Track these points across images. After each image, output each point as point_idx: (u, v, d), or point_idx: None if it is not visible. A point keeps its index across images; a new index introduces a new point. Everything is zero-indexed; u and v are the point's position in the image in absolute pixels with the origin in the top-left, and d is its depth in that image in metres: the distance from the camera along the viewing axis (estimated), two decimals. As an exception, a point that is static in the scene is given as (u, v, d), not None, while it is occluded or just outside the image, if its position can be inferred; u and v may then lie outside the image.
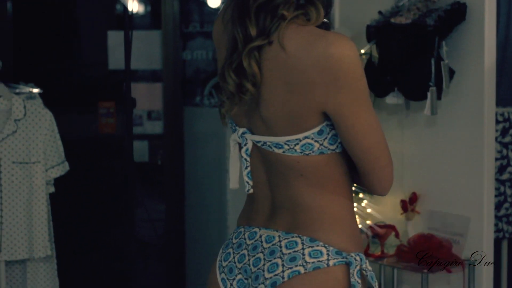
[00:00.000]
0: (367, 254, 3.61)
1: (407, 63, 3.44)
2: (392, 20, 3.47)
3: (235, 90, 1.81)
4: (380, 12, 3.59)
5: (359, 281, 1.83)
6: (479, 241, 3.47)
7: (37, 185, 3.81)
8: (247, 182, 1.93)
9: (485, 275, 3.46)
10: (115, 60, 5.73)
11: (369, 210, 3.82)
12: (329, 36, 1.76)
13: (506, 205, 3.91)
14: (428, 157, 3.68)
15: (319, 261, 1.81)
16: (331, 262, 1.82)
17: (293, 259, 1.82)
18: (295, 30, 1.79)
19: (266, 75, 1.80)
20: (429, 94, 3.39)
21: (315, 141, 1.82)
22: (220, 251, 2.00)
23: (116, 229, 5.59)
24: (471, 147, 3.48)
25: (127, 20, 3.59)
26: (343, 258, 1.83)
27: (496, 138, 3.83)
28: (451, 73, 3.45)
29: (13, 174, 3.78)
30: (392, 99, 3.57)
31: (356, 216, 3.72)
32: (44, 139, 3.82)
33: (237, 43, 1.81)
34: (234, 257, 1.94)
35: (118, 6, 5.98)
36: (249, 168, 1.92)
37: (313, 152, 1.83)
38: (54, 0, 6.14)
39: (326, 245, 1.83)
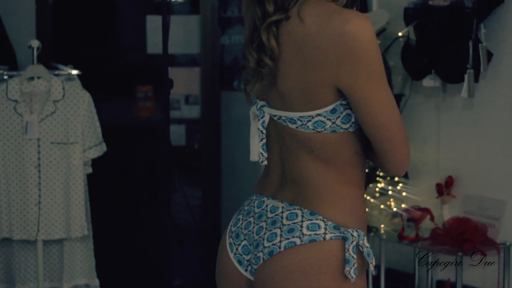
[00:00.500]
0: (401, 237, 3.61)
1: (444, 45, 3.42)
2: (430, 2, 3.46)
3: (255, 65, 1.85)
4: (418, -5, 3.58)
5: (355, 256, 1.83)
6: (515, 224, 3.46)
7: (74, 166, 3.85)
8: (262, 154, 1.96)
9: (521, 260, 3.44)
10: (154, 45, 5.77)
11: (404, 193, 3.82)
12: (346, 13, 1.78)
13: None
14: (464, 141, 3.67)
15: (316, 234, 1.84)
16: (327, 236, 1.84)
17: (291, 230, 1.86)
18: (313, 6, 1.81)
19: (284, 49, 1.83)
20: (466, 77, 3.37)
21: (328, 119, 1.83)
22: (234, 216, 2.05)
23: (153, 213, 5.63)
24: (508, 131, 3.46)
25: (165, 5, 3.61)
26: (340, 233, 1.84)
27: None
28: (489, 55, 3.43)
29: (52, 155, 3.83)
30: (429, 81, 3.55)
31: (391, 200, 3.74)
32: (82, 120, 3.86)
33: (256, 22, 1.85)
34: (242, 223, 1.98)
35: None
36: (264, 140, 1.95)
37: (325, 130, 1.84)
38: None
39: (325, 220, 1.86)
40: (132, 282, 5.70)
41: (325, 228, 1.85)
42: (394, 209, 3.76)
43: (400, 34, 3.69)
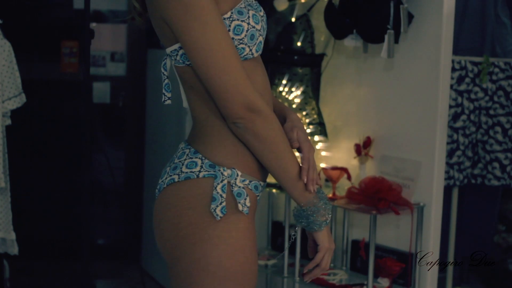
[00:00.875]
0: (319, 195, 3.64)
1: (366, 5, 3.44)
2: (354, -38, 3.46)
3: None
4: (342, -46, 3.58)
5: (223, 195, 1.87)
6: (429, 186, 3.50)
7: (-8, 116, 3.78)
8: (164, 94, 2.00)
9: (433, 220, 3.49)
10: (81, 0, 5.67)
11: (323, 153, 3.85)
12: None
13: (458, 152, 3.94)
14: (383, 102, 3.70)
15: (191, 171, 1.89)
16: (201, 174, 1.89)
17: (174, 168, 1.93)
18: None
19: None
20: (386, 37, 3.40)
21: None
22: None
23: (75, 171, 5.57)
24: (426, 93, 3.50)
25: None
26: (214, 171, 1.88)
27: (451, 86, 3.85)
28: (410, 17, 3.46)
29: (-32, 104, 3.75)
30: (351, 41, 3.57)
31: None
32: (1, 70, 3.78)
33: None
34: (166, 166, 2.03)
35: None
36: (166, 81, 1.99)
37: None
38: None
39: (203, 158, 1.90)
40: (51, 239, 5.65)
41: (201, 166, 1.89)
42: (313, 168, 3.78)
43: (324, -7, 3.69)
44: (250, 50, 1.90)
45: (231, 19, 1.87)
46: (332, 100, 3.93)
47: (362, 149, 3.72)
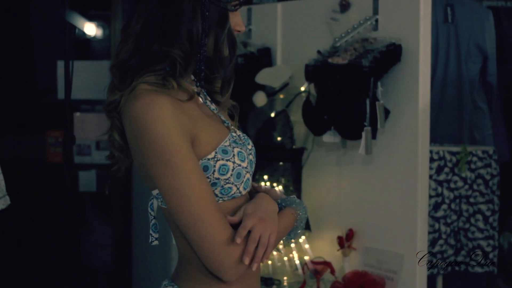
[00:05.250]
0: (303, 290, 3.66)
1: (343, 103, 3.49)
2: (330, 60, 3.53)
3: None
4: (318, 52, 3.65)
5: None
6: (412, 278, 3.52)
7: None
8: (151, 234, 2.01)
9: (418, 312, 3.51)
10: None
11: (307, 246, 3.87)
12: (140, 96, 1.81)
13: (441, 241, 3.97)
14: (364, 194, 3.73)
15: None
16: None
17: None
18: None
19: None
20: (363, 134, 3.45)
21: None
22: None
23: (64, 254, 5.59)
24: (406, 185, 3.53)
25: (68, 50, 3.58)
26: None
27: (431, 176, 3.90)
28: (386, 113, 3.52)
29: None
30: (329, 137, 3.62)
31: (294, 252, 3.78)
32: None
33: None
34: None
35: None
36: (153, 221, 2.00)
37: None
38: (8, 26, 6.14)
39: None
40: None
41: None
42: (297, 261, 3.81)
43: (302, 89, 3.75)
44: (238, 188, 1.89)
45: (215, 159, 1.85)
46: (313, 192, 3.96)
47: (345, 242, 3.74)
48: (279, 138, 3.83)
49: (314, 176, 3.95)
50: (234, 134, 1.97)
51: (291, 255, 3.84)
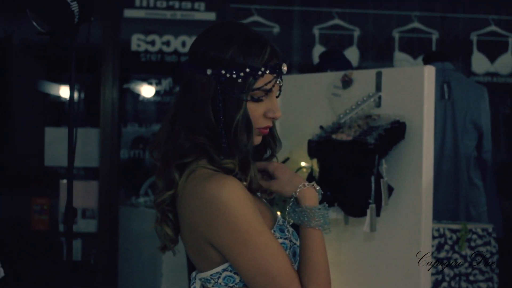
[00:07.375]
0: None
1: (347, 179, 3.48)
2: (334, 136, 3.52)
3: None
4: (321, 127, 3.64)
5: None
6: None
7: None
8: None
9: None
10: (51, 157, 5.69)
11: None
12: (210, 179, 1.84)
13: (443, 319, 3.95)
14: (364, 270, 3.70)
15: None
16: None
17: None
18: (192, 179, 1.89)
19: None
20: (368, 212, 3.43)
21: (234, 272, 1.86)
22: None
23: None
24: (408, 263, 3.51)
25: (71, 117, 3.57)
26: None
27: (431, 254, 3.88)
28: (390, 190, 3.51)
29: None
30: (332, 214, 3.59)
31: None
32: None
33: None
34: None
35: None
36: None
37: (236, 284, 1.87)
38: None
39: None
40: None
41: None
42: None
43: (303, 164, 3.74)
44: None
45: (275, 237, 1.88)
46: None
47: (345, 319, 3.70)
48: (279, 213, 3.80)
49: (313, 251, 3.90)
50: (278, 213, 2.02)
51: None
